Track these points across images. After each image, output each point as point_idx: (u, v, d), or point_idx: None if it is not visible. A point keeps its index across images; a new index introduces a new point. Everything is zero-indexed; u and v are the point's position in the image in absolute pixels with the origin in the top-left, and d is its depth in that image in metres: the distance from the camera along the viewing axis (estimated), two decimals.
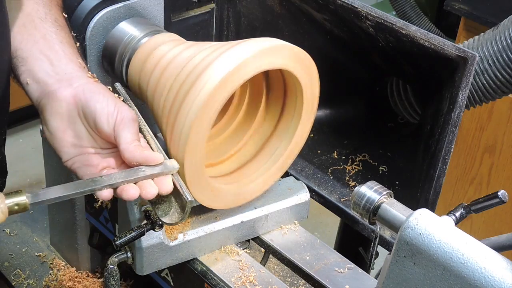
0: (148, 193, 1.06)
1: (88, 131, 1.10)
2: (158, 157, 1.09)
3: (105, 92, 1.11)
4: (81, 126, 1.09)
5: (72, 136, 1.09)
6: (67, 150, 1.10)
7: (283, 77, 1.26)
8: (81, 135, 1.10)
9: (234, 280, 1.25)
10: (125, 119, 1.08)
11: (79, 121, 1.09)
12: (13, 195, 0.99)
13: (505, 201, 1.06)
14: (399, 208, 1.03)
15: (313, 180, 1.49)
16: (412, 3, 3.28)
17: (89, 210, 1.52)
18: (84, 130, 1.10)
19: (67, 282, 1.62)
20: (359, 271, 1.30)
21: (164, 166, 1.09)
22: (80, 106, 1.09)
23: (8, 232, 1.75)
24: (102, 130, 1.08)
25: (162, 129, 1.20)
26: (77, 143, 1.10)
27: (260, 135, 1.35)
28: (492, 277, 0.84)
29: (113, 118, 1.08)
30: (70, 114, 1.09)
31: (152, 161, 1.08)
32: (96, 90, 1.10)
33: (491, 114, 2.44)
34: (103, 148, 1.12)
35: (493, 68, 1.42)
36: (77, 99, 1.09)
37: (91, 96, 1.09)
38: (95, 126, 1.09)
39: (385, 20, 1.21)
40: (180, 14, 1.52)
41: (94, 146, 1.11)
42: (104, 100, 1.09)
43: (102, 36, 1.36)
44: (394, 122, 1.57)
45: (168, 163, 1.10)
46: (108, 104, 1.09)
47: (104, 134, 1.09)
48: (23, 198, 0.98)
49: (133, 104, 1.22)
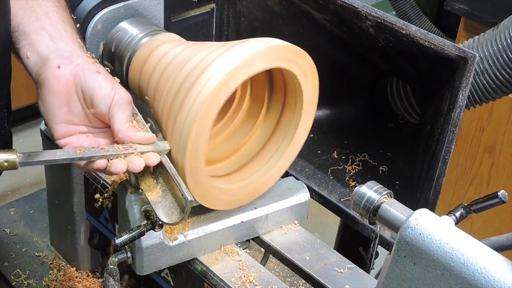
0: (135, 165, 1.09)
1: (83, 109, 1.13)
2: (151, 137, 1.13)
3: (104, 73, 1.14)
4: (77, 104, 1.12)
5: (67, 113, 1.12)
6: (59, 127, 1.12)
7: (283, 76, 1.26)
8: (75, 112, 1.12)
9: (234, 280, 1.25)
10: (121, 101, 1.12)
11: (75, 99, 1.12)
12: (5, 152, 1.03)
13: (505, 201, 1.06)
14: (399, 208, 1.03)
15: (313, 180, 1.49)
16: (412, 3, 3.27)
17: (89, 210, 1.52)
18: (80, 108, 1.12)
19: (67, 282, 1.62)
20: (359, 271, 1.30)
21: (155, 146, 1.13)
22: (79, 84, 1.11)
23: (8, 232, 1.75)
24: (98, 109, 1.11)
25: (162, 129, 1.20)
26: (71, 120, 1.12)
27: (260, 135, 1.35)
28: (492, 277, 0.84)
29: (110, 98, 1.11)
30: (68, 91, 1.11)
31: (145, 142, 1.12)
32: (95, 69, 1.13)
33: (491, 114, 2.44)
34: (95, 127, 1.15)
35: (493, 68, 1.42)
36: (76, 77, 1.11)
37: (91, 75, 1.11)
38: (92, 105, 1.12)
39: (385, 20, 1.21)
40: (180, 14, 1.52)
41: (87, 125, 1.14)
42: (103, 80, 1.12)
43: (102, 36, 1.36)
44: (394, 122, 1.57)
45: (160, 143, 1.14)
46: (106, 84, 1.12)
47: (99, 113, 1.12)
48: (13, 157, 1.03)
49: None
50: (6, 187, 2.80)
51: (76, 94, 1.12)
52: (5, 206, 1.87)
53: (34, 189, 2.46)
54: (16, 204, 1.87)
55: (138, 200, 1.20)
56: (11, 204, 1.87)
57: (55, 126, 1.13)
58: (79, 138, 1.13)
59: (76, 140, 1.13)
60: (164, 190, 1.15)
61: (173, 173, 1.13)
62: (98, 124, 1.15)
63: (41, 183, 2.12)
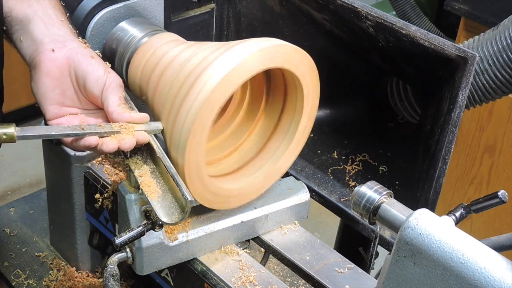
0: (126, 143, 1.13)
1: (76, 91, 1.17)
2: (144, 116, 1.17)
3: (96, 57, 1.19)
4: (69, 86, 1.17)
5: (59, 94, 1.16)
6: (52, 108, 1.17)
7: (283, 76, 1.26)
8: (67, 94, 1.17)
9: (234, 280, 1.25)
10: (113, 84, 1.17)
11: (68, 81, 1.16)
12: (4, 126, 1.07)
13: (505, 201, 1.06)
14: (399, 208, 1.03)
15: (313, 180, 1.49)
16: (412, 3, 3.28)
17: (89, 210, 1.52)
18: (72, 90, 1.17)
19: (67, 282, 1.62)
20: (359, 271, 1.30)
21: (148, 126, 1.17)
22: (72, 67, 1.16)
23: (8, 232, 1.75)
24: (90, 91, 1.16)
25: (162, 129, 1.20)
26: (63, 102, 1.17)
27: (260, 134, 1.35)
28: (492, 277, 0.84)
29: (103, 81, 1.16)
30: (61, 74, 1.15)
31: (139, 121, 1.16)
32: (88, 54, 1.18)
33: (491, 114, 2.44)
34: (86, 109, 1.19)
35: (493, 68, 1.42)
36: (70, 60, 1.16)
37: (84, 59, 1.16)
38: (84, 88, 1.16)
39: (385, 20, 1.21)
40: (180, 14, 1.52)
41: (78, 107, 1.19)
42: (96, 64, 1.17)
43: (102, 36, 1.36)
44: (394, 122, 1.57)
45: (153, 123, 1.18)
46: (99, 68, 1.17)
47: (91, 95, 1.17)
48: (12, 130, 1.07)
49: (133, 105, 1.22)
50: (6, 187, 2.80)
51: (69, 76, 1.16)
52: (5, 206, 1.87)
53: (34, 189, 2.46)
54: (16, 204, 1.87)
55: (138, 200, 1.20)
56: (11, 204, 1.87)
57: (47, 107, 1.16)
58: (70, 119, 1.17)
59: (67, 121, 1.17)
60: (164, 190, 1.15)
61: (173, 173, 1.13)
62: (88, 106, 1.19)
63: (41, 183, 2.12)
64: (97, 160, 1.47)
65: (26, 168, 2.80)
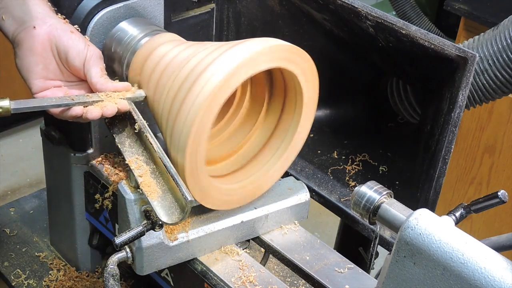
0: (108, 110, 1.20)
1: (58, 65, 1.24)
2: (127, 85, 1.25)
3: (76, 32, 1.25)
4: (52, 61, 1.23)
5: (43, 69, 1.22)
6: (37, 82, 1.22)
7: (283, 77, 1.26)
8: (50, 68, 1.23)
9: (234, 280, 1.25)
10: (94, 56, 1.23)
11: (50, 56, 1.22)
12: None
13: (505, 201, 1.06)
14: (399, 208, 1.03)
15: (313, 180, 1.49)
16: (412, 3, 3.27)
17: (89, 210, 1.52)
18: (54, 64, 1.23)
19: (67, 282, 1.62)
20: (359, 271, 1.30)
21: (132, 94, 1.24)
22: (54, 42, 1.22)
23: (8, 232, 1.75)
24: (72, 64, 1.23)
25: (162, 129, 1.20)
26: (47, 76, 1.23)
27: (260, 134, 1.35)
28: (492, 277, 0.84)
29: (84, 54, 1.22)
30: (44, 49, 1.21)
31: (122, 89, 1.24)
32: (68, 29, 1.24)
33: (491, 114, 2.44)
34: (68, 81, 1.26)
35: (493, 68, 1.42)
36: (51, 36, 1.22)
37: (64, 34, 1.22)
38: (66, 61, 1.23)
39: (385, 20, 1.21)
40: (180, 14, 1.52)
41: (61, 79, 1.25)
42: (76, 38, 1.23)
43: (102, 36, 1.36)
44: (394, 122, 1.57)
45: (137, 91, 1.25)
46: (79, 42, 1.23)
47: (74, 68, 1.23)
48: (6, 103, 1.12)
49: (133, 104, 1.22)
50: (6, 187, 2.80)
51: (51, 51, 1.22)
52: (5, 206, 1.87)
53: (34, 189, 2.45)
54: (16, 204, 1.87)
55: (138, 200, 1.20)
56: (11, 204, 1.87)
57: (33, 81, 1.22)
58: (54, 91, 1.23)
59: (51, 93, 1.23)
60: (164, 190, 1.15)
61: (173, 173, 1.13)
62: (71, 78, 1.26)
63: (41, 183, 2.12)
64: (97, 160, 1.47)
65: (26, 168, 2.80)
